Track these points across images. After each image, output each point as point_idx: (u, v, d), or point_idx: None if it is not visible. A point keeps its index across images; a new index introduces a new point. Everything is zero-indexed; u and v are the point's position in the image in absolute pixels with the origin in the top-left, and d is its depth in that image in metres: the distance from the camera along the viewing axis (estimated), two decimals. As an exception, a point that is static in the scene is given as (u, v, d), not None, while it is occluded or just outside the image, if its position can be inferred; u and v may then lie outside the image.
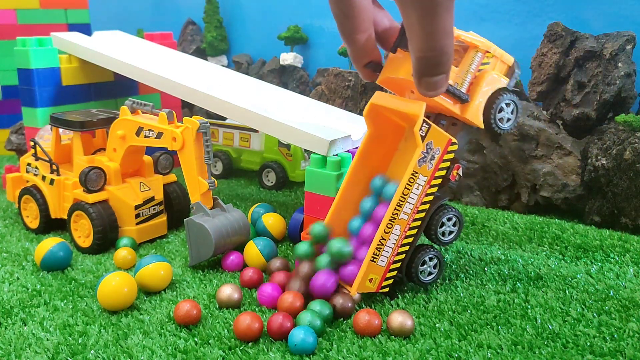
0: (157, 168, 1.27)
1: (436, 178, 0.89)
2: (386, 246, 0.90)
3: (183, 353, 0.80)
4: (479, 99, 0.88)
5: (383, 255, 0.90)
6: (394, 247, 0.90)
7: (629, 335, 0.83)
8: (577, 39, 1.34)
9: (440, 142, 0.88)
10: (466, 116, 0.88)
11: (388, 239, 0.89)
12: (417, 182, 0.88)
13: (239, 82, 1.45)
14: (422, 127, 0.86)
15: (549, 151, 1.32)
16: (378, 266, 0.90)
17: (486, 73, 0.88)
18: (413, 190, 0.88)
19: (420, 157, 0.87)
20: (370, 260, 0.89)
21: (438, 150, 0.88)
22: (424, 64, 0.72)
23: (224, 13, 2.11)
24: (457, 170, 0.91)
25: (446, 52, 0.70)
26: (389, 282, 0.92)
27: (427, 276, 0.96)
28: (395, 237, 0.90)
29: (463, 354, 0.79)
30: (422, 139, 0.86)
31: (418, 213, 0.90)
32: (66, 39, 1.50)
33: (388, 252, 0.90)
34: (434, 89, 0.76)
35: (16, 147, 1.70)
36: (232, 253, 1.08)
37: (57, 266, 1.07)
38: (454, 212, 0.95)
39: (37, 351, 0.81)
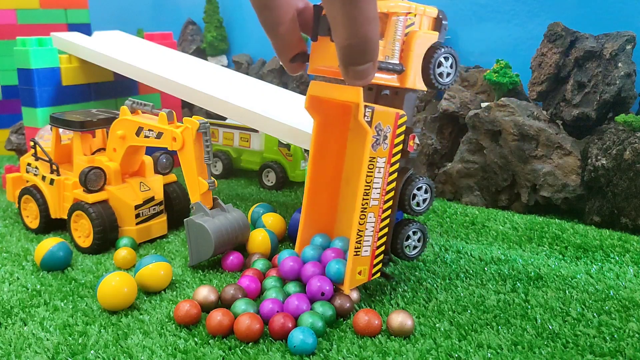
0: (157, 168, 1.27)
1: (395, 155, 0.88)
2: (365, 236, 0.89)
3: (183, 353, 0.80)
4: (413, 64, 0.86)
5: (365, 246, 0.89)
6: (373, 234, 0.89)
7: (629, 335, 0.83)
8: (577, 39, 1.34)
9: (388, 119, 0.86)
10: (406, 85, 0.87)
11: (365, 229, 0.89)
12: (377, 167, 0.87)
13: (239, 82, 1.45)
14: (366, 113, 0.84)
15: (549, 151, 1.32)
16: (363, 257, 0.90)
17: (413, 35, 0.86)
18: (375, 175, 0.87)
19: (372, 142, 0.85)
20: (354, 255, 0.89)
21: (389, 129, 0.86)
22: (349, 53, 0.70)
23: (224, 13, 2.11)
24: (413, 139, 0.89)
25: (371, 38, 0.68)
26: (378, 267, 0.92)
27: (413, 250, 0.96)
28: (372, 224, 0.89)
29: (463, 354, 0.79)
30: (369, 124, 0.85)
31: (387, 193, 0.89)
32: (66, 39, 1.50)
33: (369, 240, 0.89)
34: (362, 77, 0.73)
35: (16, 147, 1.70)
36: (232, 253, 1.08)
37: (57, 266, 1.07)
38: (423, 180, 0.94)
39: (37, 351, 0.81)
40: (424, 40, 0.86)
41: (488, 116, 1.37)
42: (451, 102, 1.47)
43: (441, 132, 1.53)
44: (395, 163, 0.88)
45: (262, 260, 1.04)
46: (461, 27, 1.56)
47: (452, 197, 1.48)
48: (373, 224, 0.89)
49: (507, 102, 1.36)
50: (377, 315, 0.84)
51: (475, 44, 1.55)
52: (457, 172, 1.45)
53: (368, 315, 0.84)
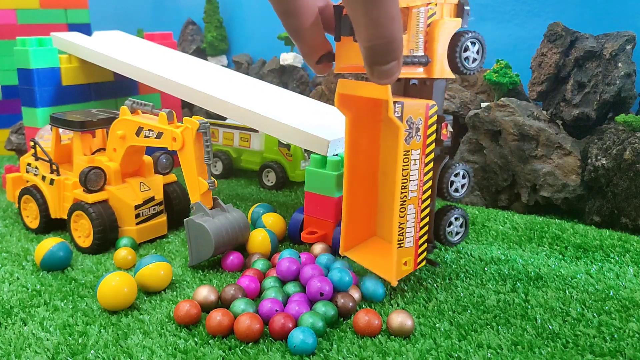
0: (157, 168, 1.27)
1: (429, 145, 0.88)
2: (407, 228, 0.90)
3: (183, 353, 0.80)
4: (439, 53, 0.85)
5: (408, 237, 0.90)
6: (414, 224, 0.90)
7: (629, 335, 0.83)
8: (577, 39, 1.34)
9: (419, 111, 0.86)
10: (434, 75, 0.86)
11: (406, 221, 0.89)
12: (412, 159, 0.87)
13: (239, 82, 1.45)
14: (396, 109, 0.84)
15: (549, 151, 1.32)
16: (407, 249, 0.90)
17: (436, 24, 0.85)
18: (411, 167, 0.87)
19: (405, 136, 0.85)
20: (398, 247, 0.89)
21: (420, 120, 0.86)
22: (374, 53, 0.69)
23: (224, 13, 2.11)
24: (446, 127, 0.89)
25: (395, 38, 0.67)
26: (423, 256, 0.93)
27: (455, 236, 0.97)
28: (413, 215, 0.89)
29: (463, 354, 0.79)
30: (399, 119, 0.85)
31: (425, 184, 0.89)
32: (66, 39, 1.50)
33: (411, 231, 0.90)
34: (388, 76, 0.73)
35: (16, 147, 1.70)
36: (232, 253, 1.08)
37: (57, 266, 1.07)
38: (460, 166, 0.94)
39: (37, 351, 0.81)
40: (447, 28, 0.86)
41: (488, 116, 1.37)
42: (451, 102, 1.47)
43: (441, 132, 1.53)
44: (430, 153, 0.89)
45: (262, 260, 1.04)
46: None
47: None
48: (414, 215, 0.89)
49: (507, 102, 1.36)
50: (377, 315, 0.84)
51: (475, 44, 1.55)
52: (457, 172, 1.45)
53: (368, 315, 0.84)
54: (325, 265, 1.01)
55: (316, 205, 1.14)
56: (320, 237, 1.12)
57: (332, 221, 1.13)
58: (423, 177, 0.89)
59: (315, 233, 1.13)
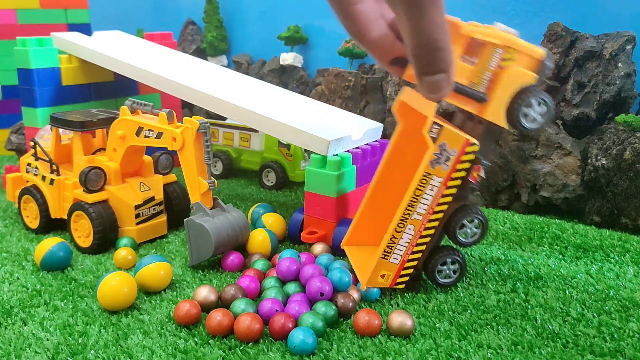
0: (157, 168, 1.27)
1: (454, 179, 0.87)
2: (399, 244, 0.89)
3: (183, 353, 0.80)
4: (499, 98, 0.82)
5: (396, 253, 0.90)
6: (408, 245, 0.90)
7: (629, 335, 0.83)
8: (577, 39, 1.34)
9: (456, 143, 0.84)
10: (485, 116, 0.84)
11: (400, 238, 0.89)
12: (430, 184, 0.86)
13: (239, 82, 1.45)
14: (433, 129, 0.84)
15: (549, 151, 1.32)
16: (390, 263, 0.90)
17: (508, 70, 0.81)
18: (426, 191, 0.86)
19: (433, 159, 0.85)
20: (381, 258, 0.89)
21: (454, 152, 0.85)
22: (419, 62, 0.69)
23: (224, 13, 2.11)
24: (478, 171, 0.87)
25: (440, 47, 0.67)
26: (405, 279, 0.92)
27: (444, 278, 0.95)
28: (409, 236, 0.89)
29: (463, 354, 0.79)
30: (433, 140, 0.84)
31: (435, 214, 0.88)
32: (66, 39, 1.50)
33: (401, 250, 0.90)
34: (434, 90, 0.73)
35: (16, 147, 1.70)
36: (232, 253, 1.08)
37: (57, 266, 1.07)
38: (478, 214, 0.92)
39: (37, 351, 0.81)
40: (518, 79, 0.82)
41: (488, 116, 1.37)
42: (451, 102, 1.47)
43: (441, 132, 1.53)
44: (452, 187, 0.87)
45: (262, 260, 1.04)
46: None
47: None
48: (411, 237, 0.89)
49: (507, 102, 1.36)
50: (377, 315, 0.84)
51: (475, 44, 1.55)
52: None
53: (368, 315, 0.84)
54: (325, 265, 1.01)
55: (316, 205, 1.14)
56: (320, 237, 1.12)
57: (332, 221, 1.13)
58: (435, 206, 0.88)
59: (315, 233, 1.13)
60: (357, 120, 1.32)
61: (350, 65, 1.72)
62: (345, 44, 1.68)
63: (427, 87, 0.73)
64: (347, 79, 1.65)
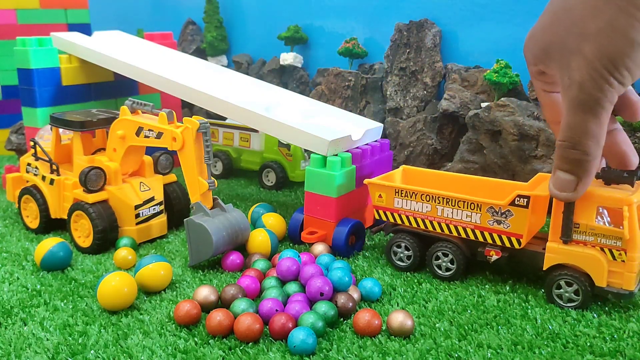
0: (157, 168, 1.27)
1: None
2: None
3: (183, 353, 0.80)
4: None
5: None
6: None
7: (629, 336, 0.83)
8: (577, 39, 1.34)
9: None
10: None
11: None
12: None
13: (239, 82, 1.45)
14: (518, 200, 0.92)
15: (549, 151, 1.32)
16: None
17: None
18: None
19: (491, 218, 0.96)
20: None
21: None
22: (558, 154, 0.73)
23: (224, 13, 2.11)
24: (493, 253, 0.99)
25: (584, 151, 0.70)
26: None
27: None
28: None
29: (463, 354, 0.79)
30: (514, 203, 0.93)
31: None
32: (66, 39, 1.50)
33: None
34: (560, 188, 0.75)
35: (16, 147, 1.70)
36: (232, 253, 1.08)
37: (57, 266, 1.07)
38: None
39: (37, 351, 0.81)
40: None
41: (488, 116, 1.37)
42: (451, 102, 1.47)
43: (441, 132, 1.53)
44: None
45: (262, 260, 1.04)
46: (461, 27, 1.56)
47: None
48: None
49: (507, 102, 1.36)
50: (377, 315, 0.84)
51: (475, 44, 1.55)
52: (457, 172, 1.45)
53: (368, 315, 0.84)
54: (325, 265, 1.01)
55: (316, 205, 1.14)
56: (320, 237, 1.12)
57: (332, 221, 1.13)
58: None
59: (315, 233, 1.13)
60: (357, 120, 1.32)
61: (350, 65, 1.72)
62: (345, 44, 1.68)
63: (554, 181, 0.75)
64: (347, 79, 1.65)
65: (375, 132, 1.29)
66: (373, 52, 1.73)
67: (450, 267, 1.01)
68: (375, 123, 1.32)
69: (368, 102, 1.66)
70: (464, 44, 1.57)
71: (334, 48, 1.79)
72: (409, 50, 1.57)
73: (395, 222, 1.08)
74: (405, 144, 1.54)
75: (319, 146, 1.13)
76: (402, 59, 1.58)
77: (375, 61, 1.72)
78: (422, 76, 1.56)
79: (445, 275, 1.01)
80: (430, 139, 1.51)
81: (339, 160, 1.11)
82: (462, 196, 0.98)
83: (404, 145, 1.54)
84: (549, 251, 0.92)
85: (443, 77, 1.56)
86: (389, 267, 1.07)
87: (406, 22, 1.58)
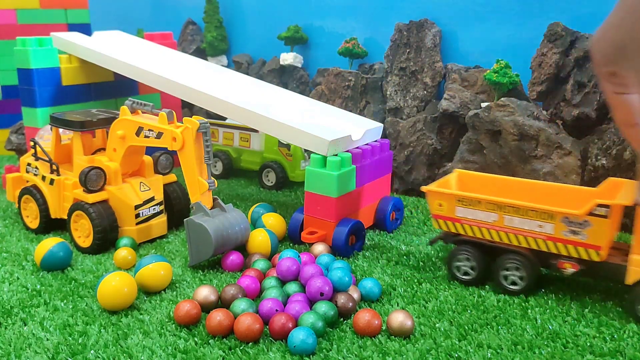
0: (157, 168, 1.27)
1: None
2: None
3: (183, 353, 0.80)
4: None
5: None
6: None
7: (629, 336, 0.83)
8: (577, 39, 1.34)
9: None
10: None
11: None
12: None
13: (239, 82, 1.45)
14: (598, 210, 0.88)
15: (549, 151, 1.32)
16: None
17: None
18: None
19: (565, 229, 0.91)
20: None
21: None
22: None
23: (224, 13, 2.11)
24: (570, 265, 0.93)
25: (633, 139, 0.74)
26: None
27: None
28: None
29: (463, 354, 0.79)
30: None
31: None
32: (66, 39, 1.50)
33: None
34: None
35: (16, 147, 1.70)
36: (232, 253, 1.08)
37: (57, 266, 1.07)
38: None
39: (37, 351, 0.81)
40: None
41: (488, 116, 1.37)
42: (451, 102, 1.47)
43: (441, 132, 1.53)
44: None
45: (262, 260, 1.04)
46: (461, 27, 1.56)
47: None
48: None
49: (507, 102, 1.36)
50: (377, 315, 0.84)
51: (475, 44, 1.55)
52: (457, 172, 1.45)
53: (368, 315, 0.84)
54: (325, 265, 1.01)
55: (316, 205, 1.14)
56: (320, 237, 1.12)
57: (332, 221, 1.13)
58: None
59: (315, 233, 1.13)
60: (357, 120, 1.32)
61: (350, 65, 1.72)
62: (345, 44, 1.68)
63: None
64: (347, 79, 1.65)
65: (375, 132, 1.29)
66: (373, 52, 1.73)
67: (518, 281, 0.95)
68: (375, 123, 1.32)
69: (368, 102, 1.66)
70: (464, 44, 1.57)
71: (334, 48, 1.79)
72: (409, 50, 1.57)
73: (457, 232, 1.02)
74: (405, 144, 1.53)
75: (319, 146, 1.13)
76: (402, 59, 1.58)
77: (375, 61, 1.72)
78: (422, 76, 1.56)
79: (515, 289, 0.95)
80: (430, 139, 1.51)
81: (339, 160, 1.11)
82: (534, 205, 0.92)
83: (404, 145, 1.54)
84: (633, 264, 0.87)
85: (443, 77, 1.56)
86: (389, 267, 1.07)
87: (406, 22, 1.58)
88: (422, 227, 1.28)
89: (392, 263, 1.09)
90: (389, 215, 1.25)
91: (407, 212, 1.38)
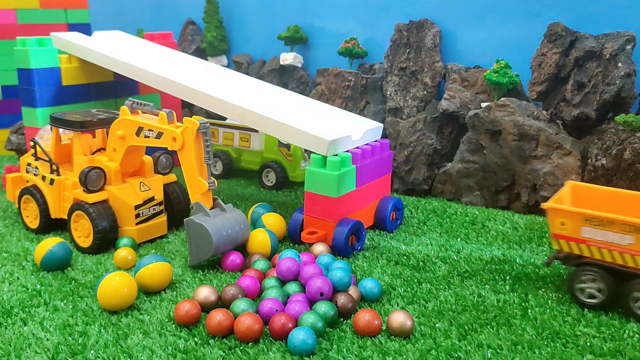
0: (157, 168, 1.27)
1: None
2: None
3: (183, 353, 0.80)
4: None
5: None
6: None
7: (629, 336, 0.83)
8: (577, 39, 1.34)
9: None
10: None
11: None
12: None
13: (239, 82, 1.45)
14: None
15: (549, 151, 1.32)
16: None
17: None
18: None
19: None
20: None
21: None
22: None
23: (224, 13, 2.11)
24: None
25: None
26: None
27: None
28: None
29: (463, 354, 0.79)
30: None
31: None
32: (66, 39, 1.50)
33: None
34: None
35: (16, 147, 1.70)
36: (232, 253, 1.08)
37: (57, 266, 1.07)
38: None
39: (37, 351, 0.81)
40: None
41: (488, 116, 1.37)
42: (451, 102, 1.47)
43: (441, 132, 1.53)
44: None
45: (262, 260, 1.04)
46: (461, 27, 1.56)
47: (452, 197, 1.48)
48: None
49: (507, 102, 1.36)
50: (377, 315, 0.84)
51: (475, 44, 1.55)
52: (457, 172, 1.45)
53: (368, 315, 0.84)
54: (325, 265, 1.01)
55: (316, 205, 1.14)
56: (320, 237, 1.12)
57: (332, 221, 1.13)
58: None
59: (315, 233, 1.13)
60: (357, 120, 1.32)
61: (350, 65, 1.72)
62: (345, 44, 1.68)
63: None
64: (347, 78, 1.65)
65: (375, 132, 1.29)
66: (373, 52, 1.73)
67: None
68: (375, 123, 1.32)
69: (368, 102, 1.66)
70: (464, 44, 1.57)
71: (334, 48, 1.79)
72: (409, 50, 1.57)
73: (580, 254, 0.92)
74: (405, 144, 1.53)
75: (319, 146, 1.13)
76: (402, 59, 1.58)
77: (375, 61, 1.72)
78: (422, 76, 1.56)
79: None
80: (430, 139, 1.51)
81: (339, 160, 1.11)
82: None
83: (404, 145, 1.54)
84: None
85: (443, 77, 1.56)
86: (389, 267, 1.07)
87: (406, 22, 1.58)
88: (422, 227, 1.28)
89: (392, 263, 1.09)
90: (389, 215, 1.26)
91: (407, 212, 1.38)
